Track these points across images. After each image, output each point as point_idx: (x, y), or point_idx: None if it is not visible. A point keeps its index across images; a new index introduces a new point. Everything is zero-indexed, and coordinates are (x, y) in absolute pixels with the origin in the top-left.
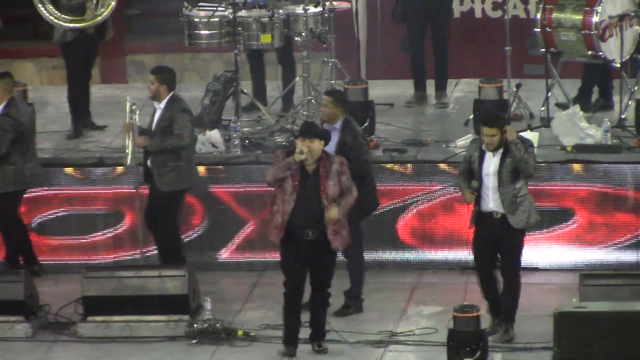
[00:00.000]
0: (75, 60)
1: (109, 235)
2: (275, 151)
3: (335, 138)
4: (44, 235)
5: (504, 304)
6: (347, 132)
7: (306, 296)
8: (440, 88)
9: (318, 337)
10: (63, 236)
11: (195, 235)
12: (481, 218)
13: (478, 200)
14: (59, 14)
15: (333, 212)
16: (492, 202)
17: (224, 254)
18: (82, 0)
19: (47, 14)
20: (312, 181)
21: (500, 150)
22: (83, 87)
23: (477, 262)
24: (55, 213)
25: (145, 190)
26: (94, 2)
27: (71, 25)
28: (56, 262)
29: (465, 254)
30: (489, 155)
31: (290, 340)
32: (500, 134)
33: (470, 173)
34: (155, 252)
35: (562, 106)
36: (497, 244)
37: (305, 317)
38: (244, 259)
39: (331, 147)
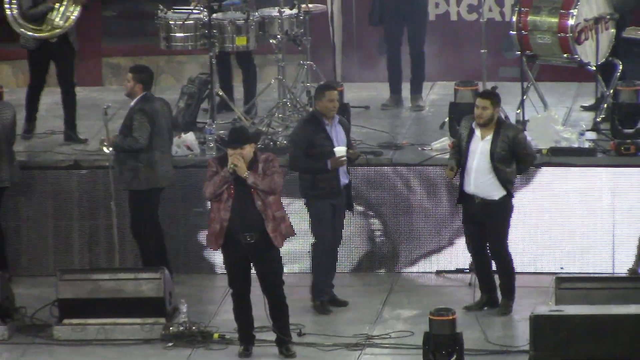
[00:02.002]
0: (33, 65)
1: None
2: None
3: (340, 131)
4: None
5: (500, 282)
6: (343, 121)
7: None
8: (416, 91)
9: (283, 341)
10: None
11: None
12: (463, 198)
13: (462, 179)
14: (23, 21)
15: (242, 169)
16: (472, 185)
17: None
18: (43, 10)
19: (13, 20)
20: (245, 184)
21: (489, 137)
22: (37, 92)
23: (467, 240)
24: None
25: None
26: (55, 13)
27: (29, 34)
28: None
29: (442, 257)
30: (477, 137)
31: (245, 339)
32: (492, 110)
33: (460, 149)
34: None
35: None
36: (481, 226)
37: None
38: (220, 261)
39: (343, 139)
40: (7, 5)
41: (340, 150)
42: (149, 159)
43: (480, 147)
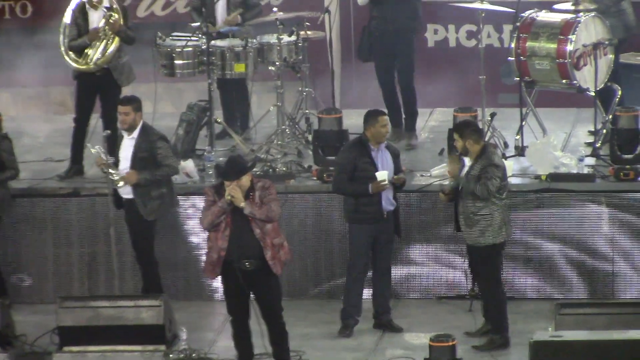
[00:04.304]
0: (76, 97)
1: None
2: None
3: (387, 156)
4: None
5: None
6: (392, 147)
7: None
8: (409, 129)
9: None
10: None
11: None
12: None
13: None
14: (67, 50)
15: (239, 199)
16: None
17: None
18: (81, 44)
19: (61, 45)
20: (242, 213)
21: (469, 164)
22: (79, 127)
23: None
24: None
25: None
26: (93, 51)
27: (68, 61)
28: None
29: (441, 283)
30: (467, 162)
31: None
32: (462, 142)
33: None
34: None
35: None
36: None
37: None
38: (220, 287)
39: (390, 165)
40: (62, 36)
41: (381, 174)
42: (170, 184)
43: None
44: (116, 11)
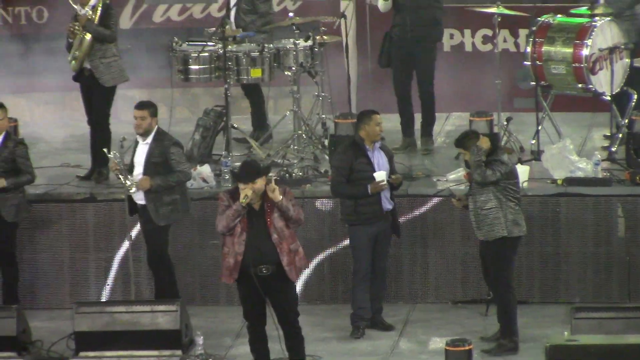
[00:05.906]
0: (82, 99)
1: None
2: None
3: (382, 156)
4: None
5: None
6: (385, 147)
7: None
8: (426, 134)
9: None
10: None
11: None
12: None
13: None
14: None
15: (276, 194)
16: None
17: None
18: (68, 42)
19: None
20: (259, 217)
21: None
22: (96, 129)
23: None
24: None
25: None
26: (74, 46)
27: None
28: None
29: (457, 287)
30: None
31: None
32: (468, 153)
33: None
34: None
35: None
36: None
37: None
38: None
39: (386, 164)
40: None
41: (380, 174)
42: (183, 190)
43: None
44: (96, 9)
